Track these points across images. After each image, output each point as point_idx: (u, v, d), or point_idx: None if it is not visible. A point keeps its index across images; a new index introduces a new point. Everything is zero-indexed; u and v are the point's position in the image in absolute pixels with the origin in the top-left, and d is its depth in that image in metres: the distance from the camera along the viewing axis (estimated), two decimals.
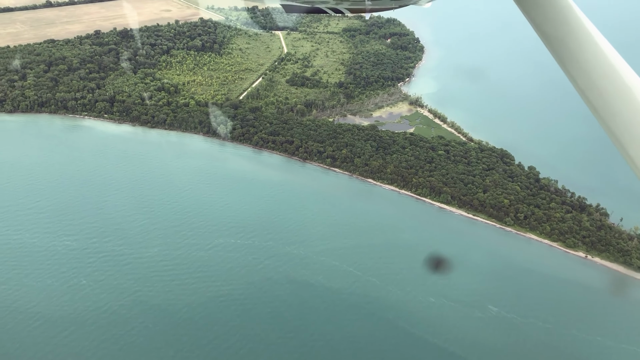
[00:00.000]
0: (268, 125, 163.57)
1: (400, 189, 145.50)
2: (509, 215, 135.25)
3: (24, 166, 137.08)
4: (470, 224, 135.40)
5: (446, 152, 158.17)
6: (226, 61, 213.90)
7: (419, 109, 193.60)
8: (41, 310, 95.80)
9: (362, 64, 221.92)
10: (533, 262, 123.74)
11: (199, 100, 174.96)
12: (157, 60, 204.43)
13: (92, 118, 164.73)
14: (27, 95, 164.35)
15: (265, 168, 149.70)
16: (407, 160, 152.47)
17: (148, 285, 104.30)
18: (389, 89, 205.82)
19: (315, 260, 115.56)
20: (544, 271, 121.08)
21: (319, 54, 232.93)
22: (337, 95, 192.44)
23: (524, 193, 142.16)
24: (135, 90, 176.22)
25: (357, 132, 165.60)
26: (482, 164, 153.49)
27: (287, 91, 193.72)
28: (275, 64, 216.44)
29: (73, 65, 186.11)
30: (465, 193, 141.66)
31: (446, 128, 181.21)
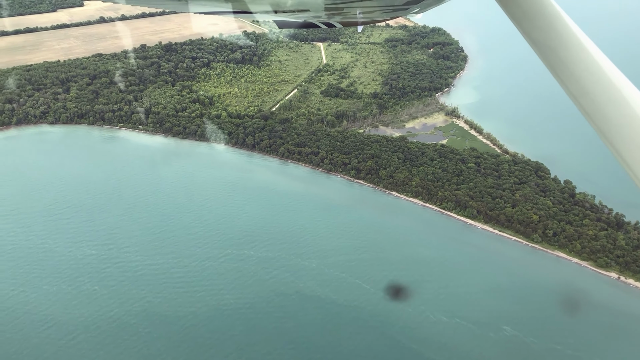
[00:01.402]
0: (295, 137, 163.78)
1: (424, 203, 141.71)
2: (537, 232, 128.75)
3: (56, 174, 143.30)
4: (495, 240, 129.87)
5: (477, 165, 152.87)
6: (264, 73, 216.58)
7: (454, 120, 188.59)
8: (52, 313, 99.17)
9: (399, 74, 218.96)
10: (559, 281, 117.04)
11: (231, 112, 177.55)
12: (196, 72, 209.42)
13: (128, 129, 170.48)
14: (68, 107, 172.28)
15: (288, 179, 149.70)
16: (434, 172, 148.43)
17: (157, 294, 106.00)
18: (426, 99, 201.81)
19: (326, 273, 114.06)
20: (570, 292, 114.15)
21: (358, 65, 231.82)
22: (370, 106, 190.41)
23: (556, 209, 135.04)
24: (171, 103, 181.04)
25: (386, 143, 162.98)
26: (513, 178, 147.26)
27: (320, 102, 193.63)
28: (311, 75, 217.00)
29: (115, 78, 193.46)
30: (492, 208, 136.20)
31: (481, 140, 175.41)
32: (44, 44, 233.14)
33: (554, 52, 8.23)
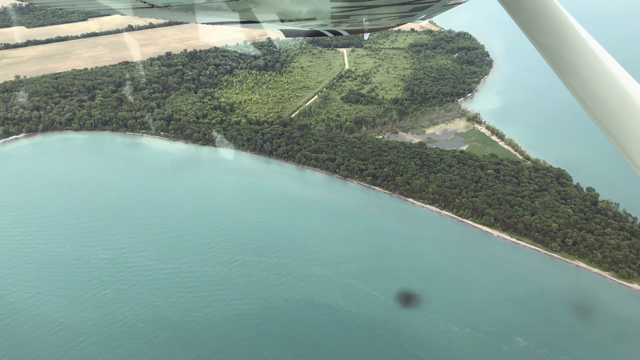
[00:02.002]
0: (313, 143, 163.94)
1: (441, 210, 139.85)
2: (556, 241, 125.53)
3: (77, 180, 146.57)
4: (512, 248, 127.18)
5: (496, 172, 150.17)
6: (285, 79, 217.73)
7: (476, 126, 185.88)
8: (63, 317, 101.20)
9: (422, 80, 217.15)
10: (577, 292, 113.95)
11: (251, 119, 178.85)
12: (219, 79, 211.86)
13: (149, 136, 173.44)
14: (92, 114, 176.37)
15: (304, 185, 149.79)
16: (452, 179, 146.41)
17: (167, 298, 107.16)
18: (447, 105, 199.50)
19: (336, 280, 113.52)
20: (588, 303, 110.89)
21: (380, 70, 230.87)
22: (390, 112, 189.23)
23: (577, 217, 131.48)
24: (192, 109, 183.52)
25: (404, 149, 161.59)
26: (533, 185, 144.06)
27: (340, 108, 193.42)
28: (333, 81, 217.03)
29: (139, 86, 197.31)
30: (510, 215, 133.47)
31: (503, 146, 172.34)
32: (73, 53, 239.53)
33: (561, 55, 8.20)
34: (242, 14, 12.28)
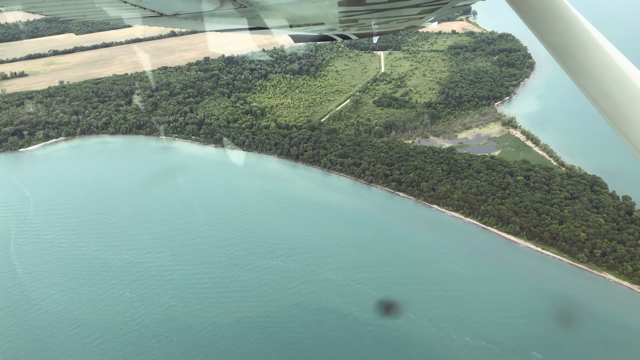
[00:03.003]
0: (339, 147, 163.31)
1: (465, 217, 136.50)
2: (584, 251, 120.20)
3: (108, 182, 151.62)
4: (537, 258, 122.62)
5: (525, 178, 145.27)
6: (319, 83, 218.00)
7: (511, 130, 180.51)
8: (82, 315, 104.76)
9: (458, 83, 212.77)
10: (603, 305, 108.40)
11: (280, 123, 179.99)
12: (253, 84, 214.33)
13: (181, 140, 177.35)
14: (128, 119, 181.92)
15: (327, 190, 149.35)
16: (479, 185, 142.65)
17: (182, 300, 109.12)
18: (483, 108, 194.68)
19: (351, 288, 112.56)
20: (615, 318, 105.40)
21: (416, 73, 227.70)
22: (422, 116, 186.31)
23: (608, 226, 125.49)
24: (224, 114, 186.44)
25: (432, 154, 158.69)
26: (564, 192, 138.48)
27: (371, 112, 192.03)
28: (367, 85, 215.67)
29: (175, 90, 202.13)
30: (537, 224, 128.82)
31: (537, 151, 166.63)
32: (116, 58, 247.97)
33: (571, 54, 8.17)
34: (250, 20, 12.50)
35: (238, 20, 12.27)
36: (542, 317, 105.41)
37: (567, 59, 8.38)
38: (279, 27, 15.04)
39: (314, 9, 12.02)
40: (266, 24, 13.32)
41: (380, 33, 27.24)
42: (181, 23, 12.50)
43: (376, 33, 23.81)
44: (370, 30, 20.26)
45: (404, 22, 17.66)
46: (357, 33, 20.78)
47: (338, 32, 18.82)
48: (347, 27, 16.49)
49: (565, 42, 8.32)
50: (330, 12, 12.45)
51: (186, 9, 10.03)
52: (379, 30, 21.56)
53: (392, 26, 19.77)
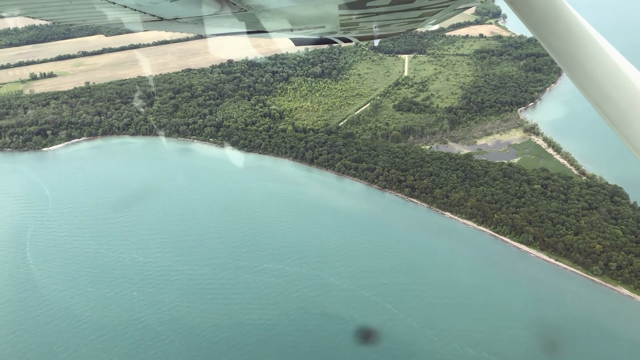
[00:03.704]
0: (355, 152, 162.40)
1: (478, 225, 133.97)
2: (598, 264, 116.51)
3: (125, 182, 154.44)
4: (549, 269, 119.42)
5: (543, 187, 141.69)
6: (340, 87, 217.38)
7: (532, 137, 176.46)
8: (88, 313, 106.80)
9: (481, 88, 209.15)
10: (614, 321, 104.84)
11: (297, 126, 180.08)
12: (274, 87, 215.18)
13: (199, 142, 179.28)
14: (148, 120, 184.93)
15: (340, 195, 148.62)
16: (494, 193, 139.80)
17: (187, 302, 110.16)
18: (505, 114, 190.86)
19: (355, 294, 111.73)
20: (627, 333, 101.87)
21: (440, 78, 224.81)
22: (441, 121, 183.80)
23: (626, 239, 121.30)
24: (242, 117, 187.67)
25: (448, 161, 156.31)
26: (582, 202, 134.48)
27: (390, 117, 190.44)
28: (388, 89, 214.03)
29: (196, 92, 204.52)
30: (551, 234, 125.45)
31: (558, 159, 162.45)
32: (143, 60, 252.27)
33: (572, 57, 8.21)
34: (250, 24, 12.57)
35: (238, 24, 12.31)
36: (550, 330, 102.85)
37: (567, 61, 8.37)
38: (280, 30, 15.18)
39: (315, 12, 12.14)
40: (267, 28, 13.38)
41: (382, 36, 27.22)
42: (181, 27, 12.67)
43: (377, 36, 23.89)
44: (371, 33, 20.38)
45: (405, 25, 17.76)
46: (358, 36, 20.88)
47: (339, 35, 18.98)
48: (348, 30, 16.70)
49: (566, 44, 8.31)
50: (331, 16, 12.55)
51: (186, 13, 10.09)
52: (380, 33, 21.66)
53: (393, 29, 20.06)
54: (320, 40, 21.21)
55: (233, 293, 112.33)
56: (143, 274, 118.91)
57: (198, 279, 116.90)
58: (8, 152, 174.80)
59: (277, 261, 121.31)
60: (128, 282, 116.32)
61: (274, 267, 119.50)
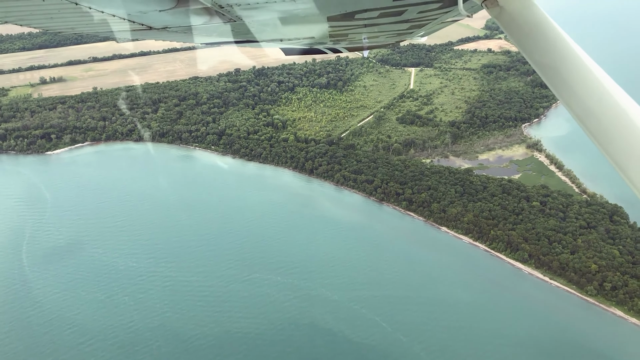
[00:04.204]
0: (354, 163, 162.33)
1: (473, 241, 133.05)
2: (593, 284, 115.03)
3: (125, 187, 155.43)
4: (542, 288, 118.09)
5: (542, 204, 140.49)
6: (345, 98, 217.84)
7: (535, 154, 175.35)
8: (78, 317, 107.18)
9: (486, 102, 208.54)
10: (606, 342, 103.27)
11: (299, 136, 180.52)
12: (279, 96, 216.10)
13: (201, 149, 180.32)
14: (152, 127, 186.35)
15: (337, 206, 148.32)
16: (491, 209, 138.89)
17: (177, 309, 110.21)
18: (509, 130, 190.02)
19: (345, 307, 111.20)
20: (618, 356, 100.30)
21: (445, 91, 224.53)
22: (444, 135, 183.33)
23: (622, 259, 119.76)
24: (245, 125, 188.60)
25: (447, 175, 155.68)
26: (581, 221, 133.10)
27: (393, 129, 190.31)
28: (393, 101, 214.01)
29: (201, 100, 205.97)
30: (547, 252, 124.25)
31: (560, 176, 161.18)
32: (152, 67, 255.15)
33: (556, 72, 8.38)
34: (240, 34, 12.78)
35: (228, 34, 12.41)
36: (539, 351, 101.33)
37: (552, 76, 8.46)
38: (270, 40, 15.43)
39: (304, 23, 12.24)
40: (256, 38, 13.52)
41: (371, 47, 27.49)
42: (170, 36, 12.77)
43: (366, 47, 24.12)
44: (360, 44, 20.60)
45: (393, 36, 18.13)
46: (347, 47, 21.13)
47: (328, 45, 19.25)
48: (337, 40, 16.91)
49: (550, 59, 8.41)
50: (320, 27, 12.66)
51: (175, 22, 10.12)
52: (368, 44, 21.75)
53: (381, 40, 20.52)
54: (310, 50, 21.58)
55: (222, 301, 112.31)
56: (135, 280, 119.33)
57: (189, 286, 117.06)
58: (12, 155, 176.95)
59: (269, 271, 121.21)
60: (120, 287, 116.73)
61: (265, 276, 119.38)
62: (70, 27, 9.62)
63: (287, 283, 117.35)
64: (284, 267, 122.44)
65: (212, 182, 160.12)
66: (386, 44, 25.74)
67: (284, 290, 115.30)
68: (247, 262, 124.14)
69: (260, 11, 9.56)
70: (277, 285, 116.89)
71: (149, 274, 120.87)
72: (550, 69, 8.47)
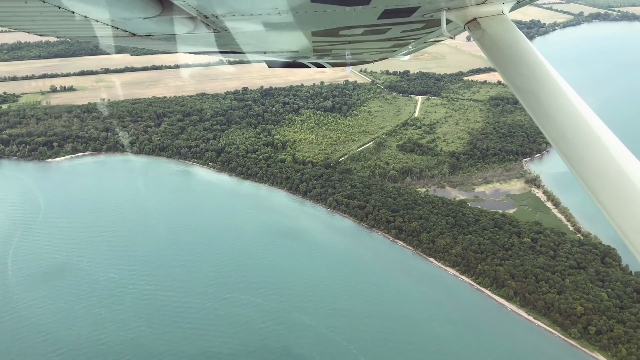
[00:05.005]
0: (349, 188, 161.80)
1: (460, 274, 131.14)
2: (577, 326, 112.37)
3: (118, 199, 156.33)
4: (524, 327, 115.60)
5: (533, 241, 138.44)
6: (348, 122, 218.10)
7: (533, 189, 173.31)
8: (52, 327, 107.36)
9: (488, 135, 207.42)
10: None
11: (297, 158, 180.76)
12: (282, 117, 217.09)
13: (199, 165, 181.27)
14: (153, 140, 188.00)
15: (326, 230, 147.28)
16: (481, 243, 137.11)
17: (152, 325, 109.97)
18: (509, 163, 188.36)
19: (321, 333, 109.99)
20: None
21: (449, 121, 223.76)
22: (442, 165, 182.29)
23: (610, 303, 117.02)
24: (245, 144, 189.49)
25: (440, 205, 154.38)
26: (571, 260, 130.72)
27: (392, 156, 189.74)
28: (395, 128, 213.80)
29: (205, 117, 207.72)
30: (533, 291, 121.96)
31: (555, 214, 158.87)
32: (161, 81, 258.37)
33: (534, 97, 8.56)
34: (225, 45, 12.92)
35: (212, 44, 12.44)
36: None
37: (529, 100, 8.61)
38: (254, 52, 15.64)
39: (289, 37, 12.33)
40: (241, 49, 13.63)
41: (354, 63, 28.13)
42: (154, 44, 12.83)
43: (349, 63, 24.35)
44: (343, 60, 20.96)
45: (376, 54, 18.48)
46: (330, 62, 21.29)
47: (312, 60, 19.44)
48: (321, 55, 17.17)
49: (529, 84, 8.58)
50: (305, 41, 12.76)
51: (159, 30, 10.14)
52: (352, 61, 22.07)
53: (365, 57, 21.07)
54: (293, 64, 21.53)
55: (197, 319, 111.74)
56: (114, 292, 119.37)
57: (166, 301, 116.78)
58: (14, 160, 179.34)
59: (249, 291, 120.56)
60: (98, 299, 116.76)
61: (244, 296, 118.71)
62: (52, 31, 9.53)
63: (265, 305, 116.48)
64: (265, 289, 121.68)
65: (205, 198, 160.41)
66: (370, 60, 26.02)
67: (261, 312, 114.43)
68: (228, 281, 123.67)
69: (246, 23, 9.64)
70: (255, 306, 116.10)
71: (129, 287, 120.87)
72: (528, 92, 8.65)
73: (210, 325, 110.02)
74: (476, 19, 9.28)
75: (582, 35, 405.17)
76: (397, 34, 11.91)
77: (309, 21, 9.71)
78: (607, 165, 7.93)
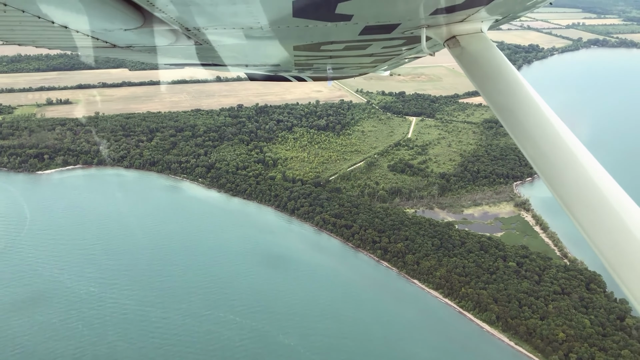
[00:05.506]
0: (336, 207, 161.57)
1: (443, 297, 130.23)
2: (558, 353, 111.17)
3: (105, 213, 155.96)
4: (505, 352, 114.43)
5: (518, 265, 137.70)
6: (340, 141, 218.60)
7: (522, 213, 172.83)
8: (26, 340, 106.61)
9: (480, 157, 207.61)
10: None
11: (287, 176, 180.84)
12: (275, 135, 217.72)
13: (189, 181, 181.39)
14: (144, 155, 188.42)
15: (312, 250, 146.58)
16: (466, 266, 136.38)
17: (127, 341, 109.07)
18: (499, 186, 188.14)
19: (299, 353, 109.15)
20: None
21: (442, 143, 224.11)
22: (432, 186, 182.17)
23: (592, 330, 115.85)
24: (235, 161, 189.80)
25: (427, 227, 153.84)
26: (555, 286, 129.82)
27: (383, 176, 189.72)
28: (387, 149, 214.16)
29: (198, 133, 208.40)
30: (515, 315, 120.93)
31: (543, 238, 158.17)
32: (158, 96, 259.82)
33: (512, 114, 8.70)
34: (206, 57, 12.90)
35: (193, 56, 12.44)
36: None
37: (507, 117, 8.77)
38: (235, 65, 15.75)
39: (271, 51, 12.40)
40: (222, 62, 13.66)
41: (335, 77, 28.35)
42: (135, 55, 12.82)
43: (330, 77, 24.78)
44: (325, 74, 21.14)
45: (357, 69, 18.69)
46: (312, 76, 21.48)
47: (293, 73, 19.58)
48: (303, 69, 17.29)
49: (507, 101, 8.74)
50: (286, 55, 12.87)
51: (140, 42, 10.11)
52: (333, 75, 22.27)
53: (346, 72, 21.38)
54: (274, 77, 21.64)
55: (174, 335, 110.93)
56: (93, 306, 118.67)
57: (145, 317, 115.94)
58: (4, 172, 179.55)
59: (229, 309, 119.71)
60: (77, 313, 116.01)
61: (223, 314, 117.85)
62: (31, 40, 9.47)
63: (244, 323, 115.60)
64: (245, 307, 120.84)
65: (191, 214, 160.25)
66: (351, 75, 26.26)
67: (240, 330, 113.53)
68: (209, 299, 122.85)
69: (227, 36, 9.62)
70: (234, 324, 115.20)
71: (108, 301, 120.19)
72: (506, 110, 8.78)
73: (188, 342, 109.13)
74: (455, 36, 9.41)
75: (580, 60, 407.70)
76: (378, 49, 12.05)
77: (291, 35, 9.77)
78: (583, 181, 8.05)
